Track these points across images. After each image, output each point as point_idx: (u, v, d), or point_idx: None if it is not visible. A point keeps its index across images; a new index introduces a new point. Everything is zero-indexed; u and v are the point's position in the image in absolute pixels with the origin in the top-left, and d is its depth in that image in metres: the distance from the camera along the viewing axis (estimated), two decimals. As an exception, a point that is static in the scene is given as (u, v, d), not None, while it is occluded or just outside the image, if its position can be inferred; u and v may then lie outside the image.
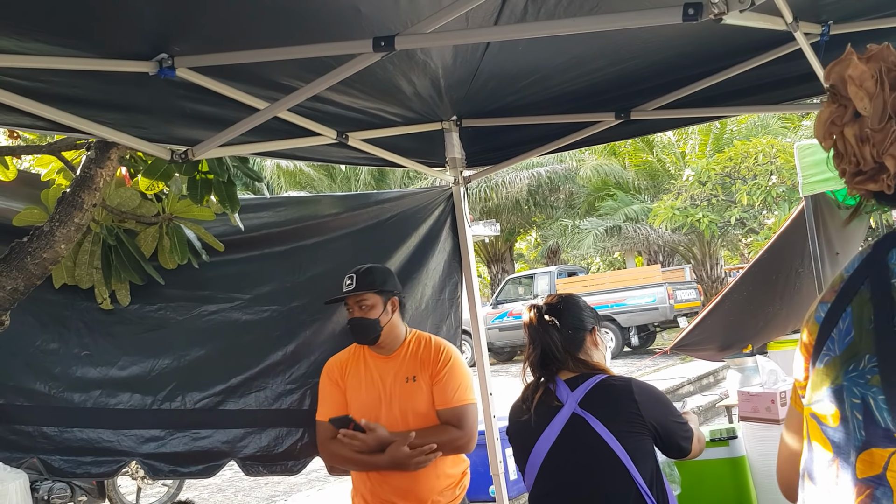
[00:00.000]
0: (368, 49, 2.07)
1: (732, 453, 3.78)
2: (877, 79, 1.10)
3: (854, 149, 1.12)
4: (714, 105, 3.28)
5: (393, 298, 3.12)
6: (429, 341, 3.17)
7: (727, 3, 1.63)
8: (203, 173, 2.84)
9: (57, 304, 3.11)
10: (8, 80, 2.09)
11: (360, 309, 3.07)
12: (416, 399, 3.05)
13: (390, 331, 3.11)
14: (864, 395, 1.09)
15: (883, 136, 1.09)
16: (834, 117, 1.15)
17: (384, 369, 3.13)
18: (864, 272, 1.19)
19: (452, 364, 3.08)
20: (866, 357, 1.11)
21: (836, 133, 1.15)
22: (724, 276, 22.28)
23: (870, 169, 1.11)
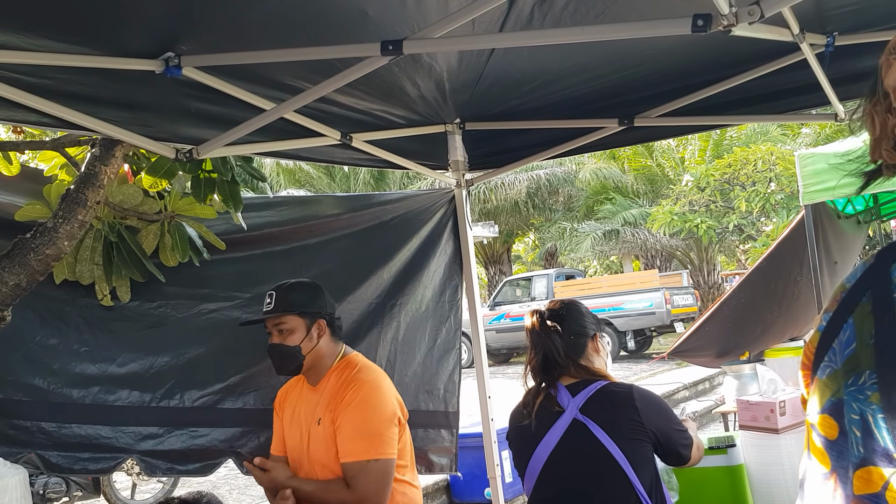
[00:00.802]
0: (376, 53, 2.07)
1: (731, 461, 3.79)
2: None
3: None
4: (717, 113, 3.28)
5: (319, 321, 2.74)
6: (348, 372, 2.71)
7: (737, 15, 1.63)
8: (207, 172, 2.84)
9: (57, 299, 3.12)
10: (15, 76, 2.09)
11: (278, 334, 2.71)
12: (320, 447, 2.65)
13: (315, 359, 2.73)
14: (864, 411, 1.07)
15: None
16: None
17: (309, 403, 2.76)
18: (867, 283, 1.16)
19: (357, 406, 2.58)
20: (866, 373, 1.08)
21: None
22: (720, 282, 22.31)
23: None
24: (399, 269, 3.65)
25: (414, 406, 3.63)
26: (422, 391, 3.67)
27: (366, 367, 2.74)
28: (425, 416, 3.65)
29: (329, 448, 2.60)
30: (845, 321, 1.15)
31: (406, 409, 2.76)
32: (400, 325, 3.63)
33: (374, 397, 2.62)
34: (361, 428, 2.56)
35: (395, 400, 2.69)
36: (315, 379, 2.75)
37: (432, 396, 3.68)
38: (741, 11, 1.65)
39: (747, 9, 1.64)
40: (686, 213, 18.62)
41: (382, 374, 2.77)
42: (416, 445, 3.58)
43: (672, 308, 16.95)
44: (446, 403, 3.70)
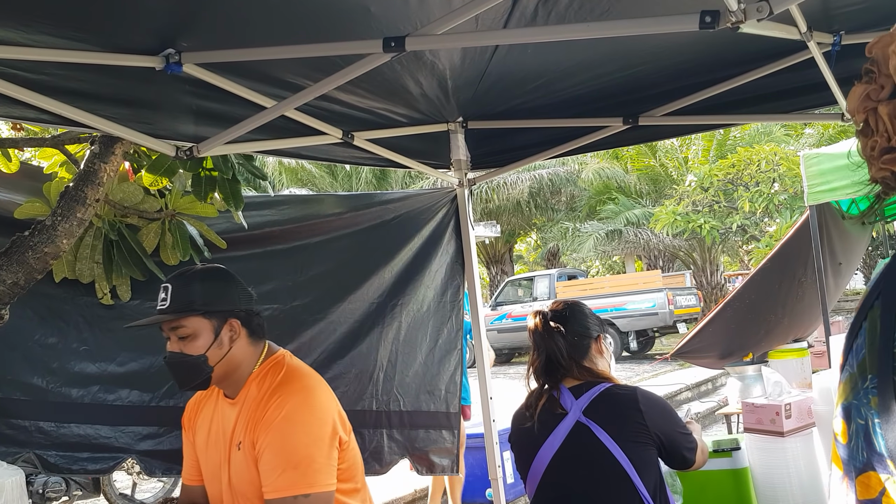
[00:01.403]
0: (378, 49, 2.05)
1: (735, 465, 3.76)
2: None
3: (887, 125, 1.08)
4: (723, 112, 3.26)
5: (231, 321, 2.18)
6: (271, 379, 2.16)
7: (745, 11, 1.61)
8: (208, 170, 2.82)
9: (57, 298, 3.09)
10: (13, 72, 2.07)
11: (177, 340, 2.15)
12: (243, 476, 2.13)
13: (229, 369, 2.17)
14: (866, 415, 1.07)
15: None
16: (870, 91, 1.10)
17: (227, 420, 2.22)
18: (880, 285, 1.15)
19: (281, 426, 2.03)
20: (869, 377, 1.08)
21: (870, 108, 1.10)
22: (723, 283, 22.28)
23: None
24: (401, 269, 3.62)
25: (415, 406, 3.61)
26: (423, 392, 3.64)
27: (293, 374, 2.18)
28: (426, 416, 3.63)
29: (254, 479, 2.08)
30: (860, 325, 1.14)
31: (348, 422, 2.24)
32: (401, 325, 3.61)
33: (302, 413, 2.06)
34: (287, 455, 2.02)
35: (333, 412, 2.14)
36: (233, 390, 2.20)
37: (433, 397, 3.65)
38: (750, 8, 1.62)
39: (756, 5, 1.61)
40: (689, 213, 18.60)
41: (315, 379, 2.22)
42: (417, 446, 3.57)
43: (675, 309, 16.93)
44: (448, 404, 3.67)
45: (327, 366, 3.47)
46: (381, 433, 3.53)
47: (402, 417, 3.58)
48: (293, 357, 2.30)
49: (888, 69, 1.08)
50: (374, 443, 3.51)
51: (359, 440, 3.45)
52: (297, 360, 2.29)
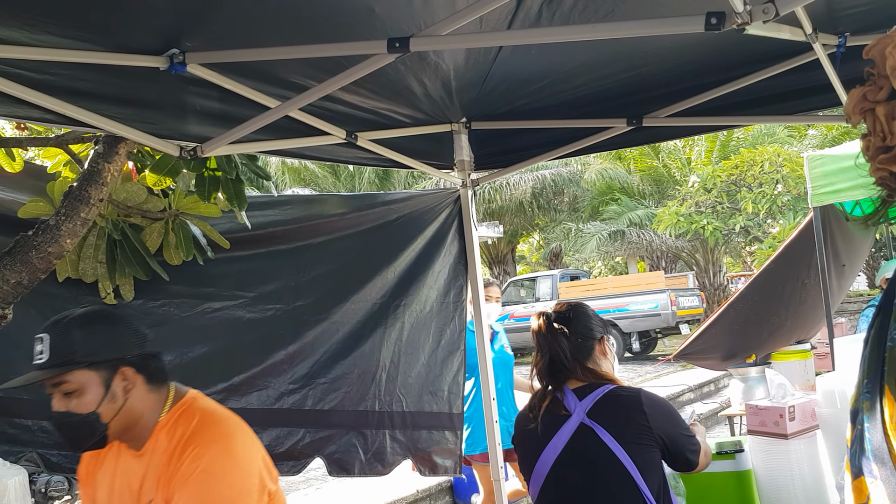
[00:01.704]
0: (383, 50, 2.05)
1: (738, 467, 3.75)
2: None
3: (884, 125, 1.09)
4: (728, 114, 3.25)
5: (123, 370, 1.88)
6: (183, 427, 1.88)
7: (751, 13, 1.61)
8: (211, 170, 2.82)
9: (60, 297, 3.09)
10: (17, 72, 2.07)
11: (62, 397, 1.84)
12: None
13: (129, 422, 1.89)
14: (863, 420, 1.08)
15: None
16: (867, 93, 1.11)
17: (132, 475, 1.95)
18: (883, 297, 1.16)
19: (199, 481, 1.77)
20: (865, 381, 1.10)
21: (867, 109, 1.12)
22: (726, 284, 22.25)
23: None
24: (404, 270, 3.62)
25: (418, 407, 3.61)
26: (426, 392, 3.64)
27: (208, 419, 1.91)
28: (429, 417, 3.63)
29: None
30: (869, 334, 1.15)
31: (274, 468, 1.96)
32: (404, 325, 3.61)
33: (224, 464, 1.80)
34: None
35: (258, 460, 1.88)
36: (137, 443, 1.93)
37: (436, 398, 3.65)
38: (755, 9, 1.62)
39: (762, 7, 1.61)
40: (692, 214, 18.57)
41: (235, 423, 1.93)
42: (419, 447, 3.57)
43: (677, 310, 16.90)
44: (450, 405, 3.67)
45: (330, 366, 3.47)
46: (384, 434, 3.54)
47: (404, 418, 3.58)
48: (205, 398, 2.01)
49: (885, 70, 1.08)
50: (376, 443, 3.51)
51: (361, 441, 3.47)
52: (210, 402, 2.00)
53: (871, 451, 1.03)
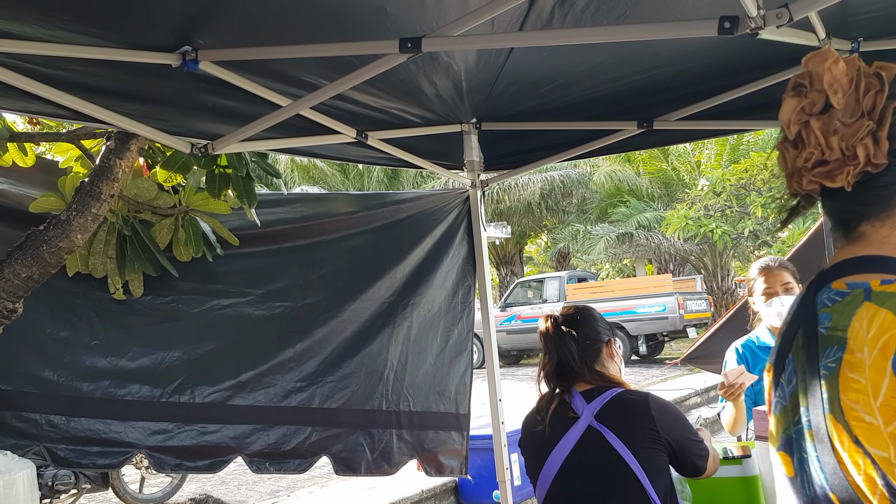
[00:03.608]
0: (395, 50, 2.05)
1: (745, 472, 3.72)
2: (852, 78, 1.11)
3: (819, 139, 1.12)
4: (738, 118, 3.24)
5: None
6: None
7: (764, 18, 1.60)
8: (222, 167, 2.83)
9: (69, 292, 3.11)
10: (30, 67, 2.08)
11: None
12: None
13: None
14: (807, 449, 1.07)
15: (853, 129, 1.10)
16: (804, 105, 1.14)
17: None
18: (798, 316, 1.16)
19: None
20: (802, 409, 1.09)
21: (803, 121, 1.14)
22: (734, 288, 22.16)
23: (834, 160, 1.11)
24: (412, 269, 3.62)
25: (425, 407, 3.61)
26: (433, 392, 3.64)
27: None
28: (436, 417, 3.63)
29: None
30: (787, 356, 1.15)
31: None
32: (412, 325, 3.61)
33: None
34: None
35: None
36: None
37: (443, 398, 3.65)
38: (769, 14, 1.61)
39: (776, 11, 1.60)
40: (701, 217, 18.52)
41: None
42: (426, 447, 3.57)
43: (685, 313, 16.85)
44: (457, 405, 3.67)
45: (338, 364, 3.47)
46: (391, 433, 3.54)
47: (411, 418, 3.58)
48: None
49: (822, 85, 1.11)
50: (383, 443, 3.51)
51: (368, 440, 3.48)
52: None
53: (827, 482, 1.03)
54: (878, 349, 0.98)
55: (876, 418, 0.96)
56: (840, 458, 1.01)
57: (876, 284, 1.04)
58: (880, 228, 1.12)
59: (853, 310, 1.04)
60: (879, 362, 0.97)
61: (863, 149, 1.08)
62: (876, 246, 1.11)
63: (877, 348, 0.98)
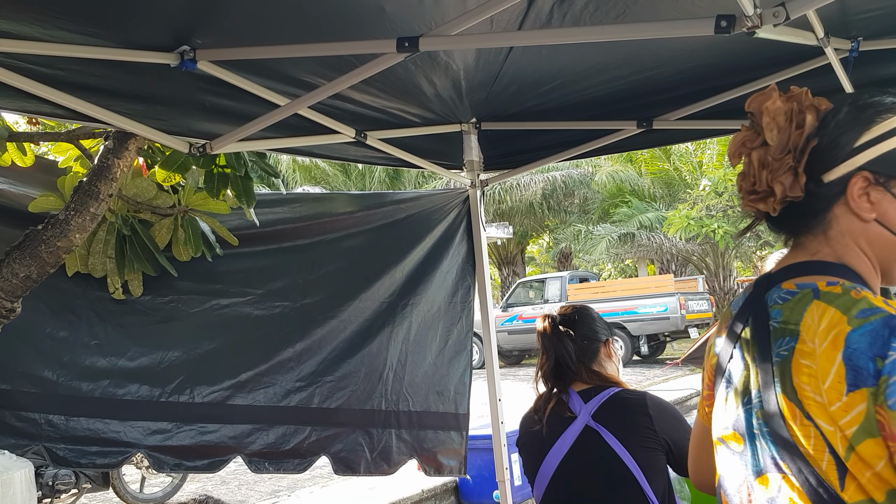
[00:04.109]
0: (392, 49, 2.05)
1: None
2: (788, 116, 1.27)
3: (755, 171, 1.29)
4: (738, 117, 3.21)
5: None
6: None
7: (761, 17, 1.60)
8: (220, 167, 2.83)
9: (69, 292, 3.11)
10: (28, 66, 2.09)
11: None
12: None
13: None
14: (758, 426, 1.23)
15: (779, 164, 1.26)
16: (746, 140, 1.31)
17: None
18: (748, 311, 1.32)
19: None
20: (753, 392, 1.24)
21: (745, 153, 1.31)
22: (736, 288, 22.14)
23: (762, 191, 1.29)
24: (412, 269, 3.62)
25: (424, 407, 3.61)
26: (432, 392, 3.64)
27: None
28: (435, 417, 3.63)
29: None
30: (734, 345, 1.33)
31: None
32: (412, 325, 3.61)
33: None
34: None
35: None
36: None
37: (442, 398, 3.65)
38: (766, 13, 1.61)
39: (772, 10, 1.60)
40: (703, 217, 18.51)
41: None
42: (425, 447, 3.57)
43: (687, 313, 16.84)
44: (456, 405, 3.67)
45: (337, 364, 3.47)
46: (391, 433, 3.54)
47: (410, 417, 3.58)
48: None
49: (761, 122, 1.27)
50: (382, 442, 3.51)
51: (367, 440, 3.48)
52: None
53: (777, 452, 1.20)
54: (828, 341, 1.15)
55: (823, 398, 1.13)
56: (792, 431, 1.17)
57: (822, 285, 1.22)
58: (812, 242, 1.30)
59: (804, 307, 1.20)
60: (829, 352, 1.14)
61: (779, 185, 1.26)
62: (810, 255, 1.29)
63: (827, 340, 1.15)
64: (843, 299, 1.18)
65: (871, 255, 1.27)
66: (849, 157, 1.24)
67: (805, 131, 1.26)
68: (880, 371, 1.09)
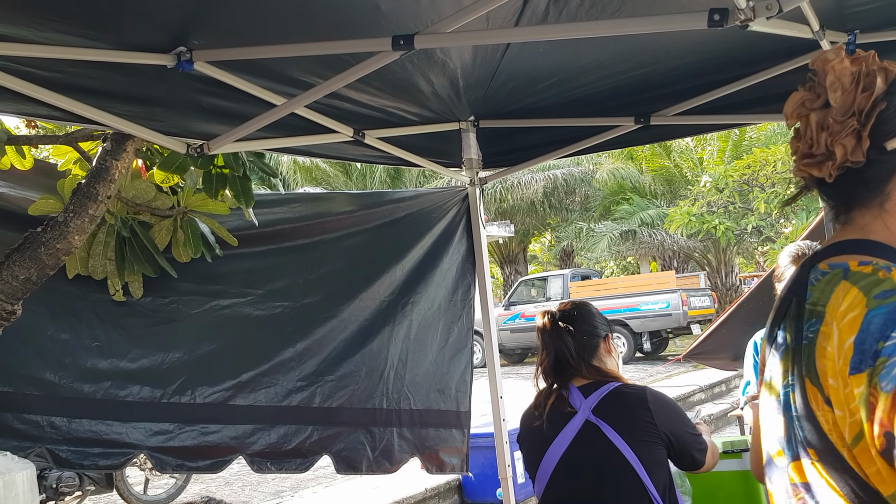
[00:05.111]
0: (387, 48, 2.05)
1: (745, 466, 3.71)
2: (855, 78, 1.19)
3: (813, 133, 1.22)
4: (736, 112, 3.23)
5: None
6: None
7: (754, 9, 1.60)
8: (218, 167, 2.83)
9: (69, 294, 3.11)
10: (25, 69, 2.09)
11: None
12: None
13: None
14: (792, 408, 1.21)
15: (841, 127, 1.19)
16: (805, 100, 1.24)
17: None
18: (792, 292, 1.28)
19: None
20: (790, 375, 1.23)
21: (803, 114, 1.24)
22: (738, 284, 22.15)
23: (820, 154, 1.21)
24: (412, 268, 3.63)
25: (425, 405, 3.61)
26: (433, 390, 3.65)
27: None
28: (437, 415, 3.63)
29: None
30: (779, 327, 1.30)
31: None
32: (412, 323, 3.62)
33: None
34: None
35: None
36: None
37: (444, 396, 3.66)
38: (759, 6, 1.61)
39: (765, 3, 1.60)
40: (704, 214, 18.51)
41: None
42: (427, 445, 3.58)
43: (689, 310, 16.83)
44: (458, 403, 3.68)
45: (338, 364, 3.48)
46: (392, 431, 3.54)
47: (412, 416, 3.59)
48: None
49: (825, 82, 1.21)
50: (384, 441, 3.52)
51: (369, 438, 3.48)
52: None
53: (804, 438, 1.17)
54: (846, 322, 1.11)
55: (837, 382, 1.11)
56: (817, 416, 1.14)
57: (854, 265, 1.17)
58: (865, 215, 1.23)
59: (832, 288, 1.17)
60: (846, 335, 1.11)
61: (840, 147, 1.18)
62: (859, 231, 1.23)
63: (844, 321, 1.11)
64: (868, 280, 1.13)
65: None
66: None
67: (874, 94, 1.19)
68: (879, 352, 1.06)
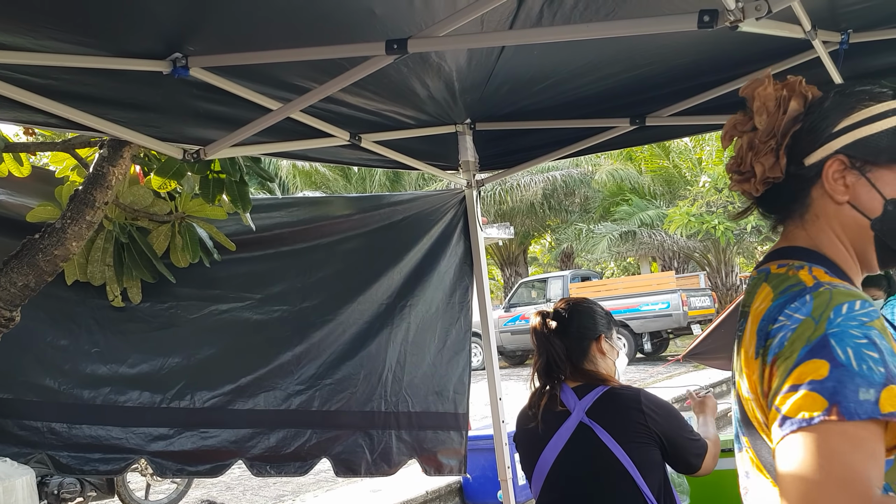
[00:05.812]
0: (381, 52, 2.06)
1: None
2: (778, 102, 1.32)
3: (742, 152, 1.36)
4: (731, 112, 3.20)
5: None
6: None
7: (743, 10, 1.61)
8: (215, 173, 2.84)
9: (68, 300, 3.12)
10: (21, 77, 2.10)
11: None
12: None
13: None
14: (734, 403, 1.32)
15: (763, 147, 1.32)
16: (738, 123, 1.38)
17: None
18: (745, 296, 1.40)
19: None
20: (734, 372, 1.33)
21: (737, 136, 1.38)
22: (739, 284, 22.13)
23: (746, 171, 1.35)
24: (409, 270, 3.63)
25: (423, 407, 3.62)
26: (431, 393, 3.65)
27: None
28: (435, 417, 3.64)
29: None
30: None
31: None
32: (410, 326, 3.62)
33: None
34: None
35: None
36: None
37: (442, 398, 3.67)
38: (748, 6, 1.62)
39: (754, 4, 1.61)
40: (703, 214, 18.50)
41: None
42: (425, 447, 3.59)
43: (689, 310, 16.85)
44: (456, 405, 3.68)
45: (336, 367, 3.49)
46: (390, 434, 3.55)
47: (410, 418, 3.60)
48: None
49: (753, 107, 1.33)
50: (382, 443, 3.53)
51: (368, 441, 3.49)
52: None
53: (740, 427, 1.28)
54: (754, 316, 1.23)
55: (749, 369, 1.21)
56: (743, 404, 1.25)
57: (773, 268, 1.29)
58: (790, 225, 1.35)
59: (756, 290, 1.28)
60: (752, 327, 1.22)
61: (759, 165, 1.32)
62: (786, 240, 1.35)
63: (754, 315, 1.23)
64: (780, 278, 1.24)
65: (845, 239, 1.29)
66: (827, 141, 1.28)
67: (789, 116, 1.30)
68: (769, 334, 1.16)
